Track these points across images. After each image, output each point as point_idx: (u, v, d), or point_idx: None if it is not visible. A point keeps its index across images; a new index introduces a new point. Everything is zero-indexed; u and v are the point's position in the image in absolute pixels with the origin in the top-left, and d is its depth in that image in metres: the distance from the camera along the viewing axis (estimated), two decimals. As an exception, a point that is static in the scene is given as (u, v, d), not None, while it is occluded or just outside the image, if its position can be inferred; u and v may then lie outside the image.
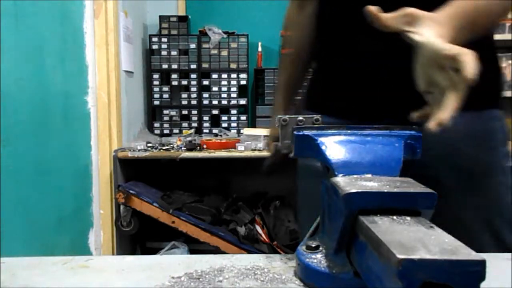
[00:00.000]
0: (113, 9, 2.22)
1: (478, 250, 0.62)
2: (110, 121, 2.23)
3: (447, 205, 0.84)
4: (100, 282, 0.51)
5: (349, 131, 0.52)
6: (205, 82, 2.80)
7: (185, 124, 2.82)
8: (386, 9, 0.72)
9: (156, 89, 2.81)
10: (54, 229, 1.93)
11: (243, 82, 2.79)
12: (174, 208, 2.20)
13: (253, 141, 2.38)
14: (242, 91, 2.80)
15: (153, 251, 2.54)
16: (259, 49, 2.90)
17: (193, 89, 2.80)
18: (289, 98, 1.06)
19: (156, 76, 2.80)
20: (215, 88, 2.80)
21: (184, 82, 2.80)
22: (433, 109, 0.55)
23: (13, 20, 1.63)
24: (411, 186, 0.43)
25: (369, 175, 0.47)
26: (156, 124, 2.84)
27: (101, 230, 2.26)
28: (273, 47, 2.96)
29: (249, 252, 2.16)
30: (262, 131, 2.45)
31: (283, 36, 1.07)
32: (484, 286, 0.31)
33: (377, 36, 0.77)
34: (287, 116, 0.56)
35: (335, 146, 0.50)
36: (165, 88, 2.81)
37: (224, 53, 2.78)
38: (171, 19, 2.87)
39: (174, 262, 0.56)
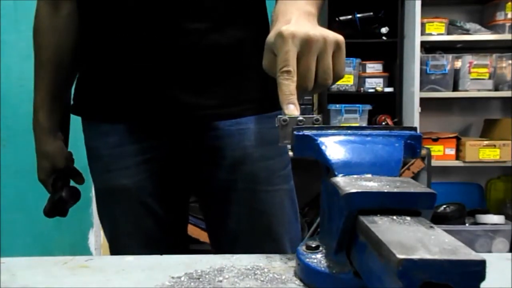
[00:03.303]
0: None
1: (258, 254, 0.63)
2: (110, 121, 2.22)
3: (235, 210, 0.86)
4: (100, 282, 0.51)
5: (349, 131, 0.52)
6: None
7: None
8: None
9: (156, 89, 2.81)
10: (54, 229, 1.93)
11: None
12: (174, 208, 2.19)
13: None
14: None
15: (153, 251, 2.53)
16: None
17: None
18: (55, 113, 0.93)
19: (156, 76, 2.80)
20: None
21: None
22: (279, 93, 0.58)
23: (13, 20, 1.63)
24: (411, 186, 0.43)
25: (369, 175, 0.47)
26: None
27: (101, 230, 2.25)
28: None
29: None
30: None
31: (36, 40, 0.91)
32: (484, 286, 0.31)
33: (143, 33, 0.77)
34: (287, 116, 0.56)
35: (335, 146, 0.50)
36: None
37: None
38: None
39: (174, 262, 0.56)
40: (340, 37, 0.59)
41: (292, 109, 0.56)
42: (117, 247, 0.91)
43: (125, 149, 0.85)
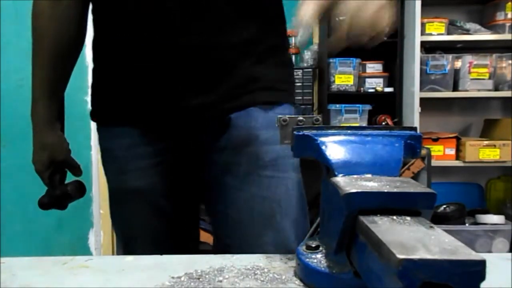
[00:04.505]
0: (113, 9, 2.21)
1: (259, 245, 0.59)
2: (110, 121, 2.22)
3: (235, 196, 0.83)
4: (100, 282, 0.51)
5: (349, 131, 0.52)
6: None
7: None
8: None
9: (156, 89, 2.80)
10: (54, 229, 1.93)
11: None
12: (174, 208, 2.19)
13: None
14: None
15: (153, 251, 2.53)
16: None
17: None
18: (54, 103, 0.92)
19: (156, 76, 2.80)
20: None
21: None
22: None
23: (13, 20, 1.63)
24: (411, 186, 0.43)
25: (369, 175, 0.47)
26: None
27: (101, 230, 2.26)
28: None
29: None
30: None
31: (35, 27, 0.88)
32: (484, 286, 0.31)
33: (160, 26, 0.77)
34: (287, 116, 0.56)
35: (335, 146, 0.50)
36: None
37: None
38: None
39: (174, 262, 0.56)
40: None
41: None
42: (131, 249, 0.90)
43: (139, 151, 0.85)
